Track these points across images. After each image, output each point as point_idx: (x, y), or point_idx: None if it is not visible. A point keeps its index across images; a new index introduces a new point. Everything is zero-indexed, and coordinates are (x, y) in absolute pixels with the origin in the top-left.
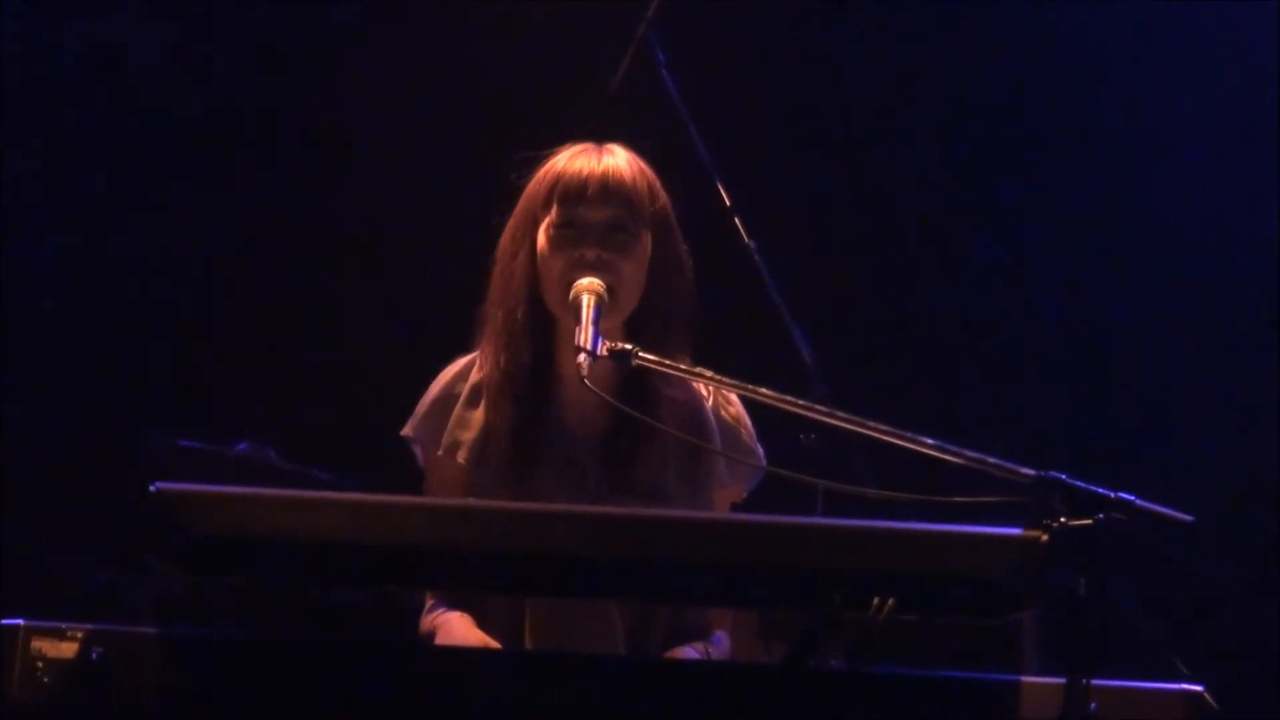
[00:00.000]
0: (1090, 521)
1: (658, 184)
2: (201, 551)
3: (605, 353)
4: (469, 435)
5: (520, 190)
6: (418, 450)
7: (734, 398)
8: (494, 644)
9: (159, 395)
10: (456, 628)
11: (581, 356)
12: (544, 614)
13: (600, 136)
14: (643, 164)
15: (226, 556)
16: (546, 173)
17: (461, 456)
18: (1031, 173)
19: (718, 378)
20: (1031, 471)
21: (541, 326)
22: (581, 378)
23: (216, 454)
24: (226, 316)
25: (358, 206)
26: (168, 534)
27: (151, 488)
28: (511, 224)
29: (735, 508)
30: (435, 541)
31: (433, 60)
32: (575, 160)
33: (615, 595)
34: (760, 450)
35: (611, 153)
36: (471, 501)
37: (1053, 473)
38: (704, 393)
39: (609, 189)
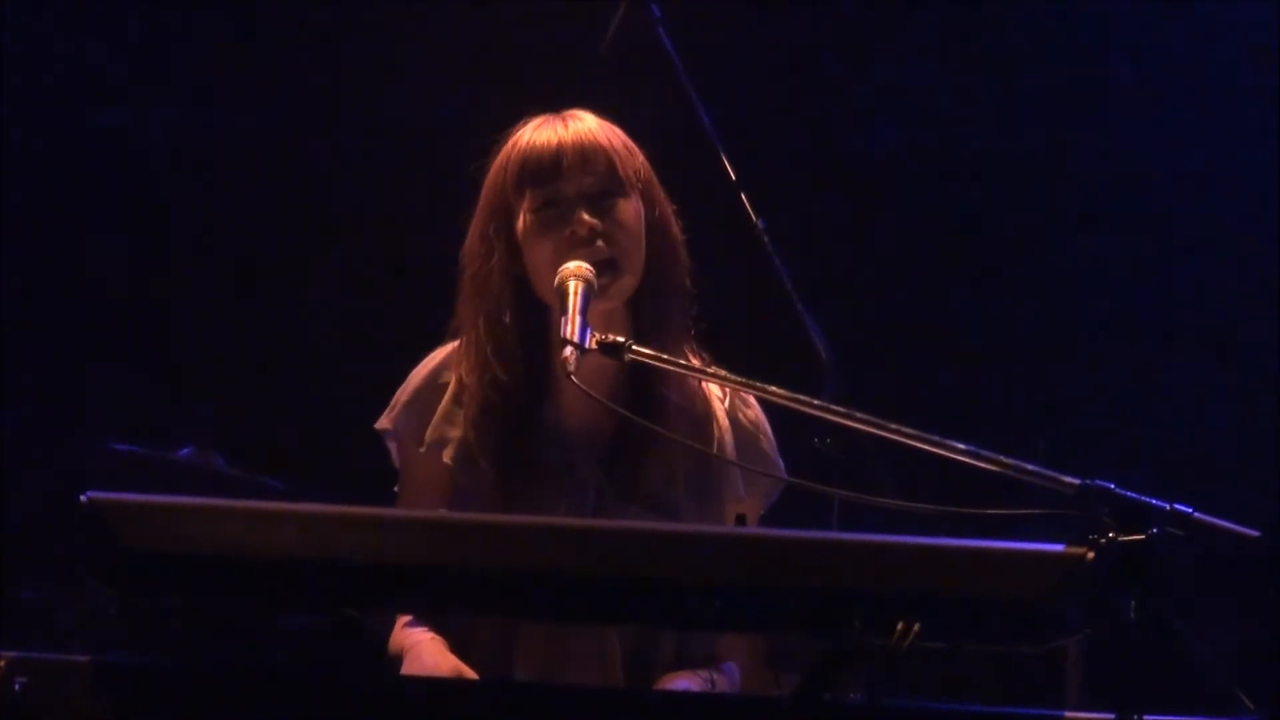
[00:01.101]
0: (1143, 536)
1: (632, 143)
2: (138, 569)
3: (595, 345)
4: (456, 433)
5: (479, 184)
6: (393, 446)
7: (752, 399)
8: (469, 672)
9: (91, 395)
10: (427, 653)
11: (568, 350)
12: (534, 640)
13: (589, 104)
14: (613, 125)
15: (166, 575)
16: (509, 155)
17: (447, 456)
18: (1066, 158)
19: (721, 374)
20: (1076, 480)
21: (533, 325)
22: (568, 374)
23: (155, 459)
24: (166, 310)
25: (315, 191)
26: (100, 549)
27: (81, 497)
28: (478, 222)
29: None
30: (404, 558)
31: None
32: (539, 132)
33: (611, 619)
34: (780, 461)
35: (577, 118)
36: (444, 514)
37: (1099, 481)
38: (719, 390)
39: (585, 154)
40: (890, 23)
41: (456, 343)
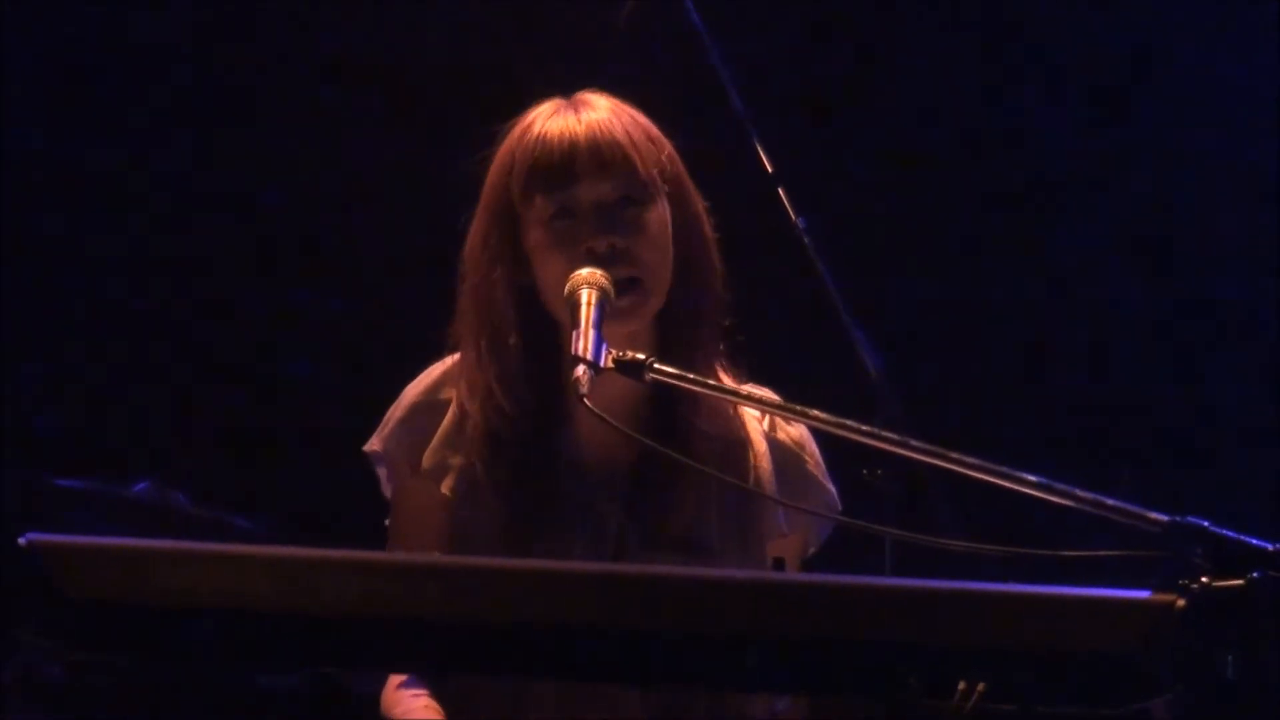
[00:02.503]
0: (1242, 582)
1: (655, 130)
2: (86, 621)
3: (611, 364)
4: (458, 460)
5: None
6: (383, 472)
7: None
8: None
9: (32, 422)
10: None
11: (580, 369)
12: (546, 703)
13: (606, 85)
14: (632, 110)
15: (118, 627)
16: (514, 153)
17: (446, 487)
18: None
19: (756, 395)
20: (1164, 517)
21: (543, 345)
22: (580, 396)
23: (107, 496)
24: (121, 326)
25: (285, 197)
26: (42, 598)
27: (21, 540)
28: (479, 226)
29: (805, 565)
30: (392, 609)
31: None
32: (549, 126)
33: (634, 679)
34: (830, 485)
35: (590, 106)
36: (439, 558)
37: (1192, 518)
38: (759, 414)
39: (602, 156)
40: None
41: (457, 355)
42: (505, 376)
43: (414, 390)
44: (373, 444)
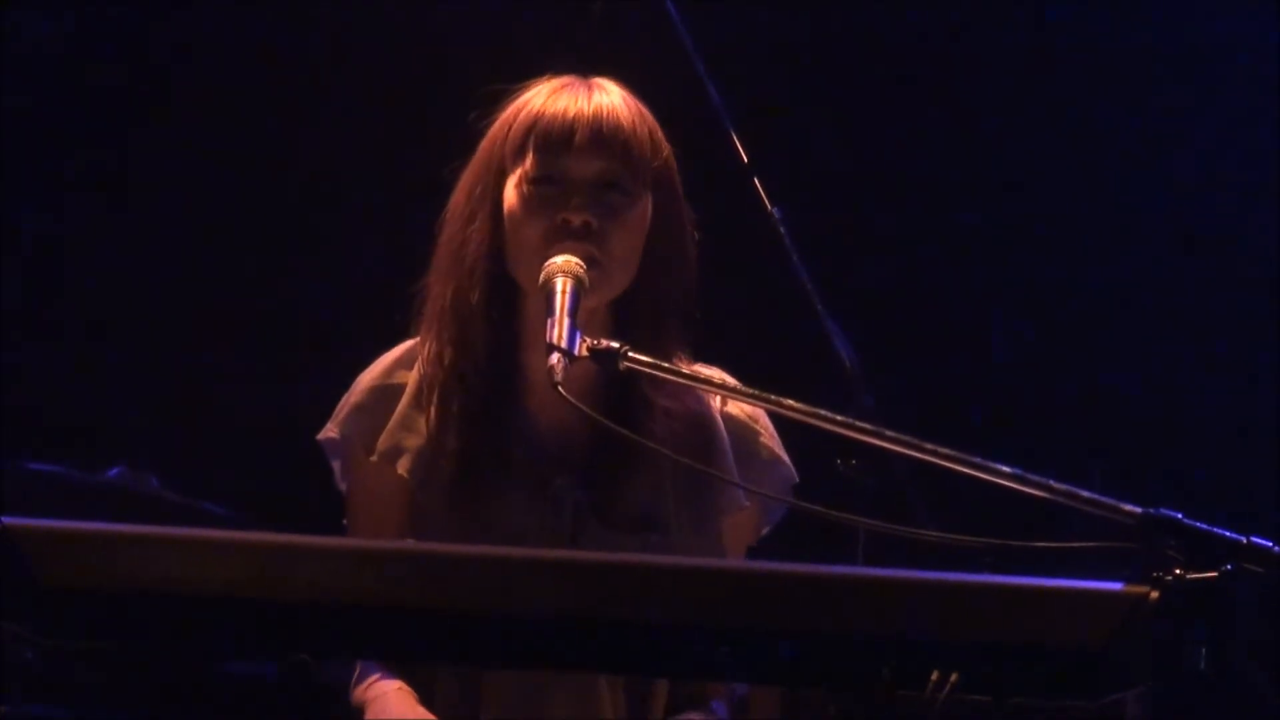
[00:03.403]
0: (1214, 574)
1: (660, 132)
2: (58, 607)
3: (585, 352)
4: (414, 441)
5: (480, 136)
6: (338, 464)
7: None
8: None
9: (2, 404)
10: (393, 704)
11: (555, 357)
12: (507, 688)
13: (579, 70)
14: (641, 105)
15: (91, 614)
16: (519, 112)
17: (403, 467)
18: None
19: (729, 385)
20: (1138, 509)
21: (504, 308)
22: (554, 384)
23: (80, 481)
24: (94, 305)
25: (264, 173)
26: (14, 584)
27: None
28: (468, 177)
29: (753, 552)
30: (361, 596)
31: None
32: (558, 98)
33: (594, 666)
34: (786, 459)
35: (603, 89)
36: (409, 544)
37: (1165, 511)
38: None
39: (602, 136)
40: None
41: (411, 342)
42: (464, 335)
43: (368, 376)
44: (328, 431)
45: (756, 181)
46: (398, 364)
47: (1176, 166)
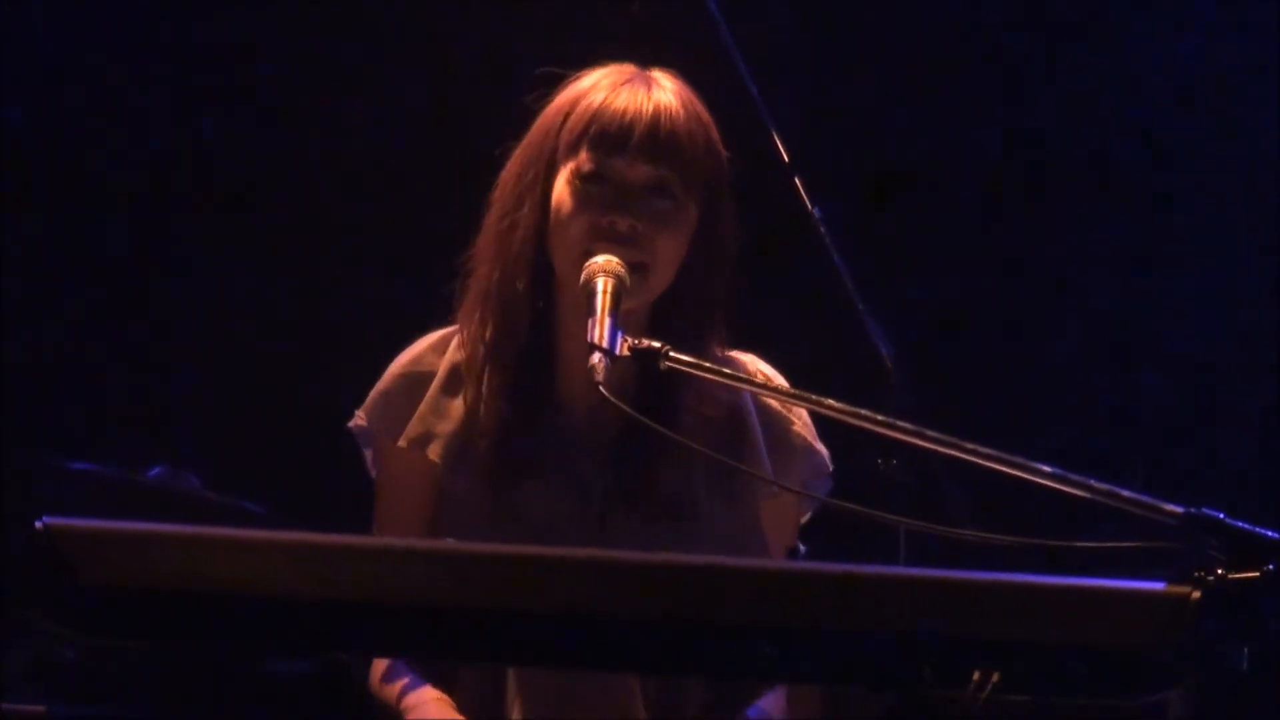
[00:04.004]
0: (1257, 574)
1: (715, 132)
2: (100, 606)
3: (627, 352)
4: (445, 426)
5: (531, 117)
6: (369, 452)
7: (782, 380)
8: None
9: (48, 407)
10: (432, 713)
11: (596, 356)
12: (537, 688)
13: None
14: (699, 105)
15: (132, 613)
16: (576, 103)
17: (434, 452)
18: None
19: (769, 385)
20: (1180, 509)
21: (543, 297)
22: (596, 383)
23: (121, 481)
24: (135, 308)
25: (304, 178)
26: (56, 583)
27: (36, 524)
28: (518, 161)
29: (792, 550)
30: (400, 595)
31: None
32: (618, 94)
33: (631, 666)
34: (822, 450)
35: (662, 87)
36: (448, 543)
37: (1207, 510)
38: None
39: (658, 140)
40: None
41: (445, 330)
42: (508, 310)
43: (398, 363)
44: (358, 419)
45: (797, 180)
46: (429, 349)
47: (1224, 167)
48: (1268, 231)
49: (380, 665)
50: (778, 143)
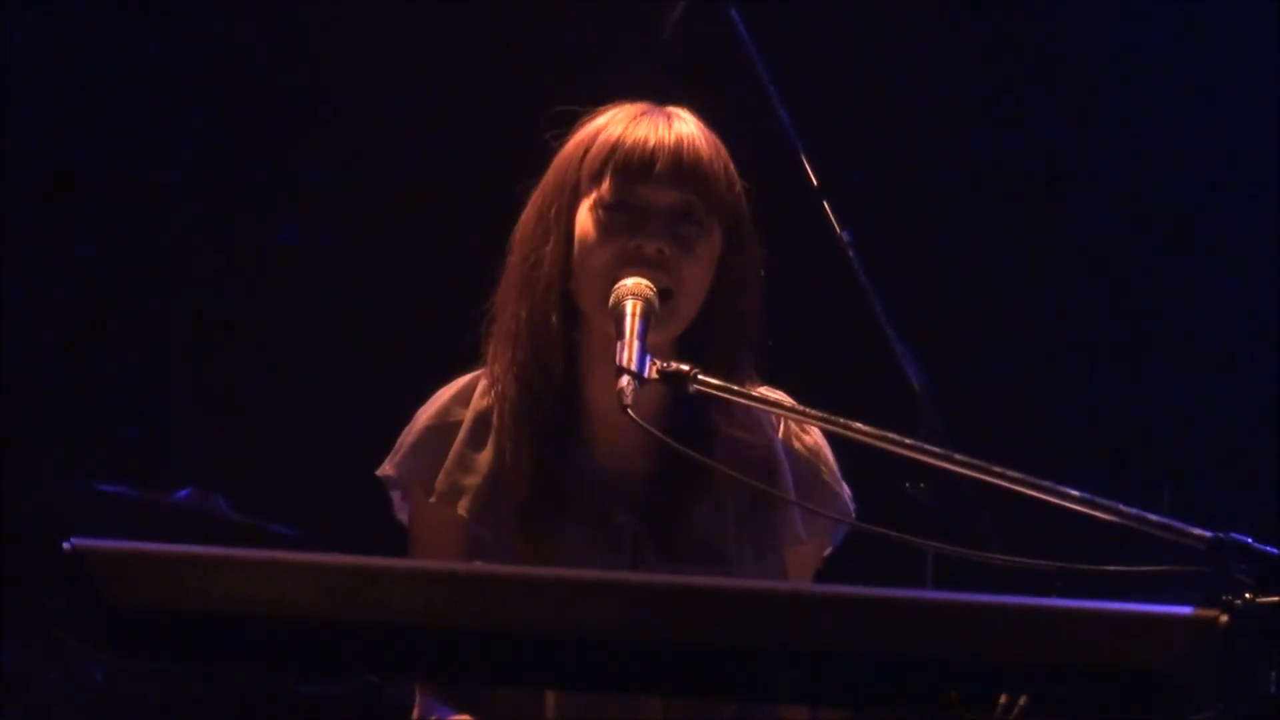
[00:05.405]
0: None
1: (733, 166)
2: (129, 627)
3: (655, 375)
4: (472, 480)
5: (552, 154)
6: (397, 496)
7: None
8: None
9: (74, 429)
10: None
11: (625, 379)
12: (570, 712)
13: (648, 96)
14: (717, 140)
15: (161, 634)
16: (597, 136)
17: (463, 508)
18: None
19: (799, 408)
20: (1208, 533)
21: (571, 335)
22: (624, 407)
23: (150, 503)
24: (163, 332)
25: (329, 199)
26: (86, 605)
27: (65, 545)
28: (541, 197)
29: (819, 574)
30: (430, 618)
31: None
32: (638, 125)
33: (661, 689)
34: (846, 491)
35: (682, 119)
36: (478, 566)
37: (1235, 535)
38: (774, 424)
39: (682, 166)
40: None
41: (468, 377)
42: (540, 348)
43: (425, 414)
44: (385, 469)
45: (826, 205)
46: (454, 401)
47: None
48: None
49: (417, 709)
50: (807, 167)
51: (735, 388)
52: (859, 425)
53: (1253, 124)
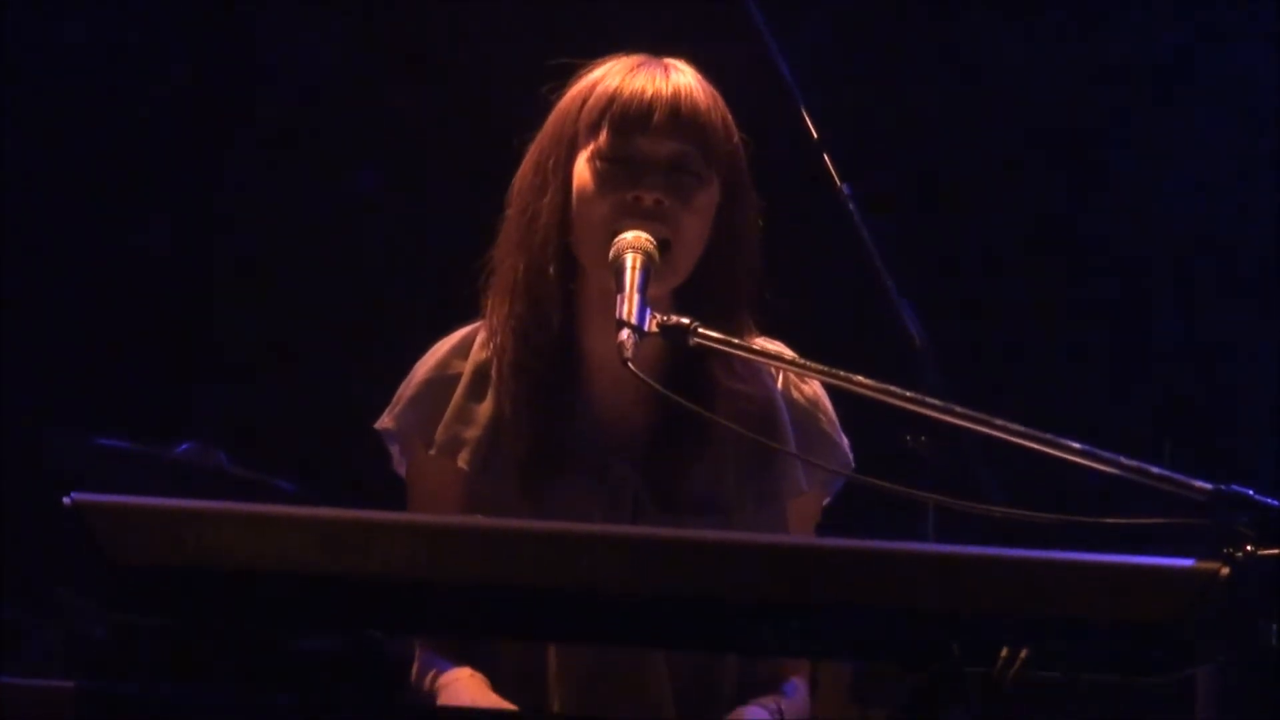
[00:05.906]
0: None
1: (730, 118)
2: (129, 582)
3: (655, 328)
4: (472, 433)
5: (547, 109)
6: (396, 450)
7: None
8: (510, 707)
9: (74, 382)
10: (465, 691)
11: (625, 332)
12: (572, 667)
13: (643, 44)
14: (714, 91)
15: (161, 589)
16: (595, 88)
17: (463, 460)
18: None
19: (799, 361)
20: (1208, 485)
21: (569, 288)
22: (624, 360)
23: (149, 457)
24: (164, 286)
25: (330, 158)
26: (85, 560)
27: (65, 500)
28: (538, 150)
29: (821, 528)
30: (432, 571)
31: None
32: (635, 76)
33: (664, 643)
34: (844, 441)
35: (679, 70)
36: (479, 520)
37: (1236, 487)
38: (773, 374)
39: (680, 117)
40: None
41: (467, 329)
42: (538, 301)
43: (424, 366)
44: (384, 421)
45: (826, 157)
46: (453, 353)
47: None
48: None
49: (417, 664)
50: (806, 119)
51: (735, 340)
52: (860, 378)
53: None
